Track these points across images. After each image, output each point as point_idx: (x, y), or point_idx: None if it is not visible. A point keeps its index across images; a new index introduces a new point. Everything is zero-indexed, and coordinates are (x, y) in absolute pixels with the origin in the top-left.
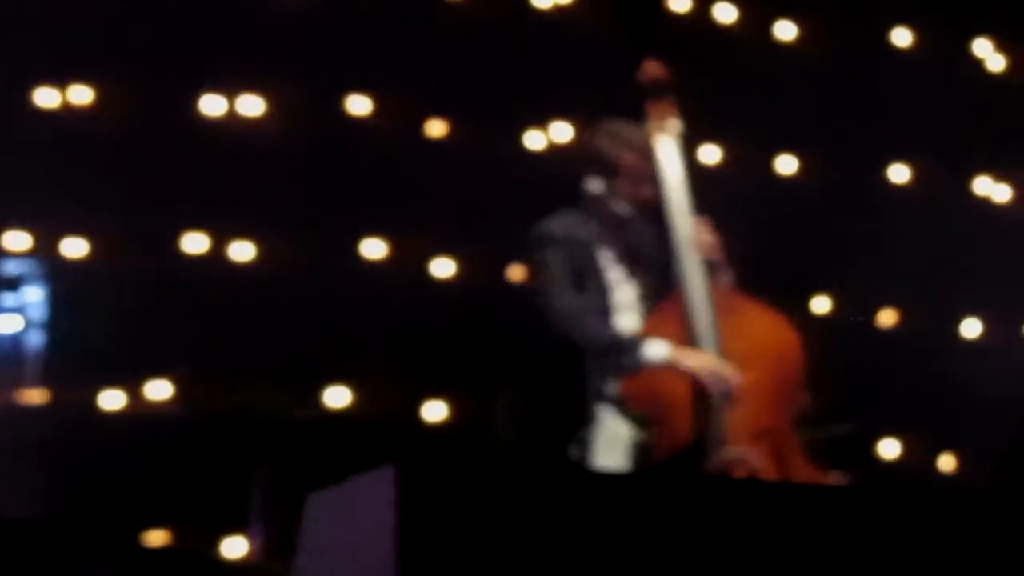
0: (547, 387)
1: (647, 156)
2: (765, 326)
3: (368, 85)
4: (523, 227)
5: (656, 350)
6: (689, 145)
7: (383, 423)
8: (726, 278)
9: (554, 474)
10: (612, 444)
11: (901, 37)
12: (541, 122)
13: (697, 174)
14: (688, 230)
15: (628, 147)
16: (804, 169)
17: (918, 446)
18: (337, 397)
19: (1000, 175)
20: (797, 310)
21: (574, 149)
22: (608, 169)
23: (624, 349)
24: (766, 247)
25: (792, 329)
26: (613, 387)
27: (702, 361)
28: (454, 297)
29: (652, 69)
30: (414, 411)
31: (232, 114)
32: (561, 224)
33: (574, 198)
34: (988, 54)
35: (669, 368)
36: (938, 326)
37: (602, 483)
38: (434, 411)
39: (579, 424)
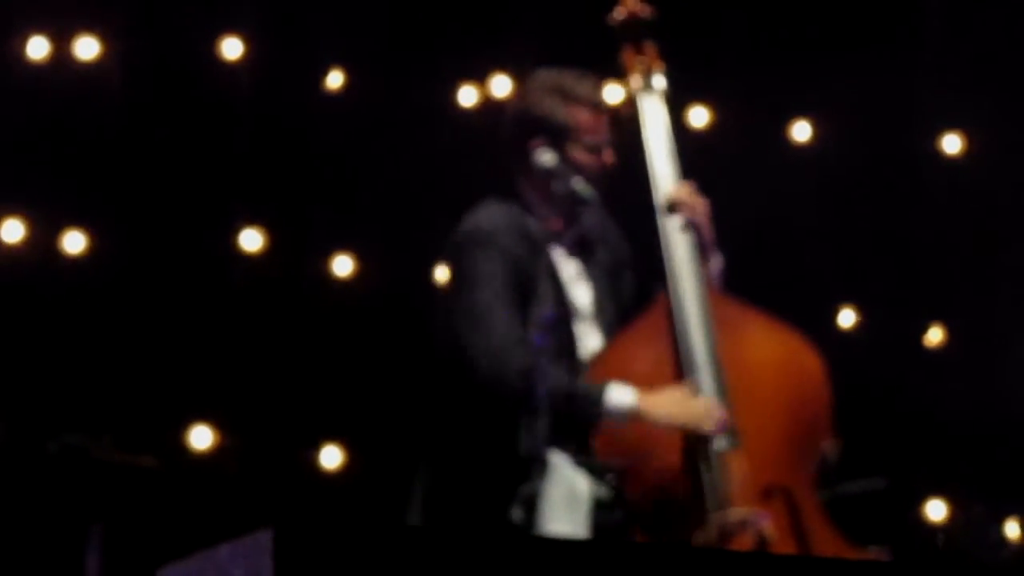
0: (479, 427)
1: (603, 110)
2: (778, 349)
3: (243, 23)
4: (450, 211)
5: (618, 398)
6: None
7: (259, 471)
8: (714, 267)
9: (478, 542)
10: (568, 503)
11: None
12: (477, 74)
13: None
14: (669, 197)
15: (577, 102)
16: (823, 138)
17: (973, 507)
18: (200, 438)
19: None
20: (813, 325)
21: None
22: (555, 134)
23: (577, 403)
24: (772, 241)
25: (813, 354)
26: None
27: (678, 404)
28: (355, 306)
29: (631, 4)
30: (300, 456)
31: (61, 59)
32: (497, 216)
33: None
34: None
35: (636, 421)
36: (1001, 348)
37: (538, 551)
38: (328, 456)
39: (523, 477)
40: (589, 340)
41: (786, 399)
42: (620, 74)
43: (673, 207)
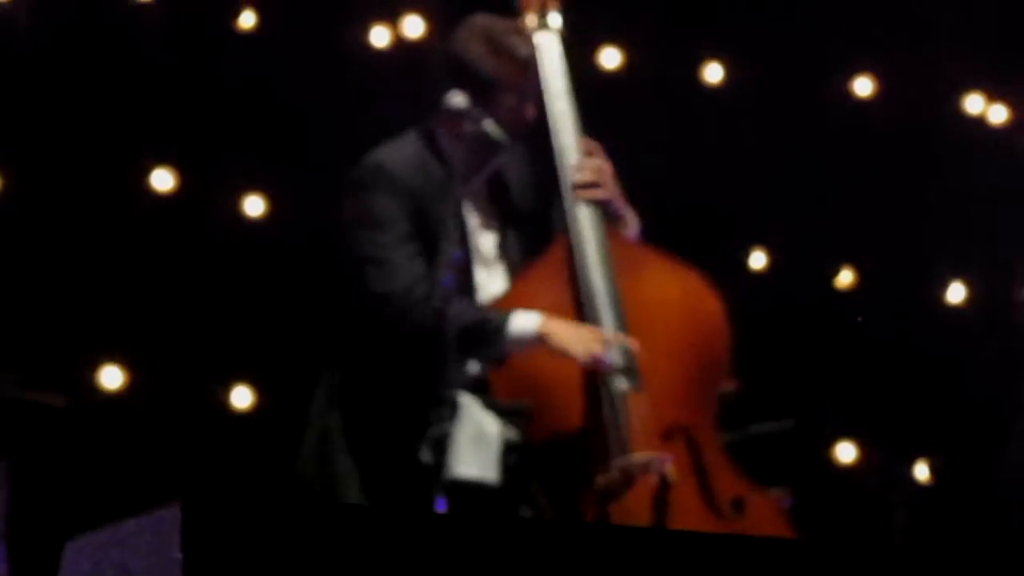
0: (390, 366)
1: (533, 67)
2: (677, 289)
3: None
4: (361, 152)
5: (522, 323)
6: (582, 47)
7: (166, 409)
8: (629, 226)
9: (385, 517)
10: (478, 444)
11: None
12: (389, 15)
13: (588, 85)
14: (575, 158)
15: (510, 56)
16: (735, 79)
17: (880, 449)
18: (110, 378)
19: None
20: (724, 267)
21: (429, 50)
22: (479, 84)
23: (484, 333)
24: (683, 183)
25: (713, 293)
26: (476, 369)
27: (581, 335)
28: (267, 246)
29: None
30: (209, 395)
31: None
32: (401, 156)
33: (428, 112)
34: None
35: (541, 345)
36: (910, 289)
37: (441, 527)
38: (239, 396)
39: (432, 417)
40: (493, 284)
41: (687, 339)
42: (515, 12)
43: (579, 187)
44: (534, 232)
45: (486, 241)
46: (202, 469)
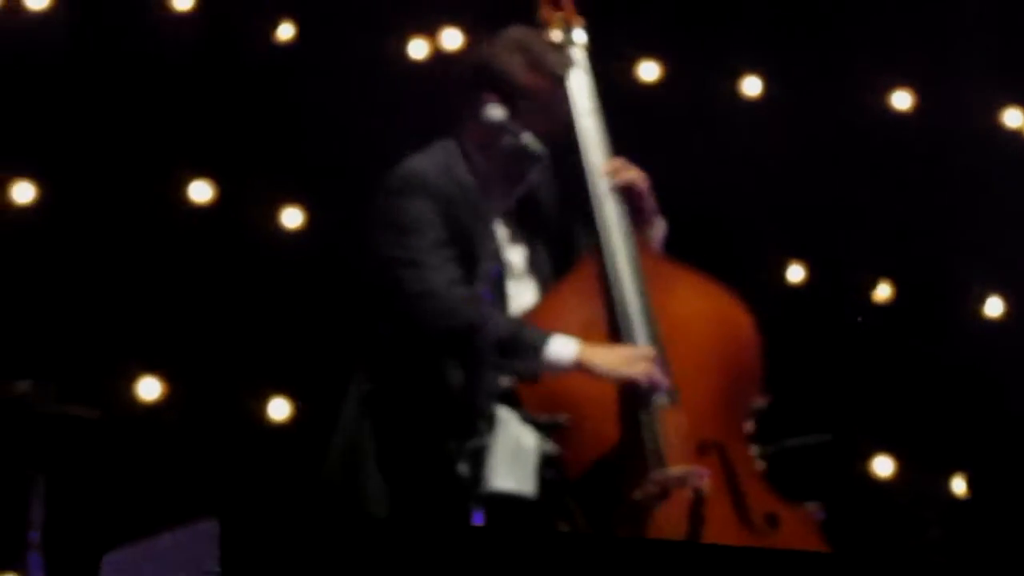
0: (428, 378)
1: (561, 78)
2: (708, 304)
3: None
4: (397, 163)
5: (559, 349)
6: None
7: (205, 422)
8: (657, 233)
9: (422, 530)
10: (515, 458)
11: None
12: (427, 27)
13: (624, 98)
14: (605, 172)
15: (541, 69)
16: (773, 93)
17: (916, 464)
18: (148, 389)
19: None
20: (761, 280)
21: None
22: (509, 94)
23: (520, 349)
24: (720, 195)
25: (743, 307)
26: (506, 382)
27: (621, 356)
28: (304, 258)
29: None
30: (247, 407)
31: (11, 9)
32: (433, 163)
33: (455, 123)
34: None
35: (579, 371)
36: (947, 303)
37: (478, 540)
38: (276, 408)
39: (470, 430)
40: (523, 297)
41: (719, 354)
42: (539, 29)
43: (615, 180)
44: (560, 248)
45: (515, 254)
46: (240, 482)
